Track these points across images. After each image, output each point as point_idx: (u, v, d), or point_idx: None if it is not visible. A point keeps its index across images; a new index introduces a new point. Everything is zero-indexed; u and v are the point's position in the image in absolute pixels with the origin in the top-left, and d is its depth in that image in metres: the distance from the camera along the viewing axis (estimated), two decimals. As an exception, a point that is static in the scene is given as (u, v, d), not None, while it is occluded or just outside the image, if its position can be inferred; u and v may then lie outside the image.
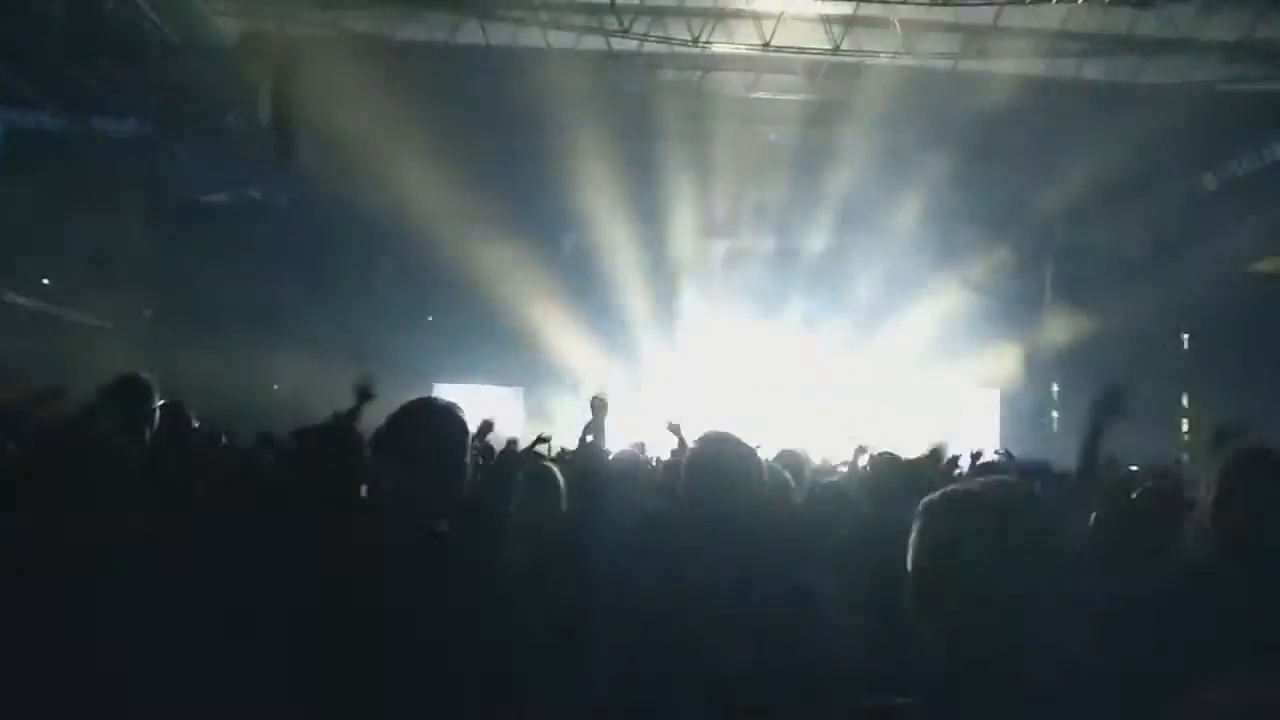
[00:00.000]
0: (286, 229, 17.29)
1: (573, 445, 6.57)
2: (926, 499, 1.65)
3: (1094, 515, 3.46)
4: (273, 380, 16.21)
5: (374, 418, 3.25)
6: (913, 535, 1.62)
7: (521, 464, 5.73)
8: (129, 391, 3.68)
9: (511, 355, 17.49)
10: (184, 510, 3.12)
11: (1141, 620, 2.57)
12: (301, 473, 3.06)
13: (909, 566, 1.62)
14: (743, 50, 14.91)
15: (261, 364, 15.78)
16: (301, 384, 14.06)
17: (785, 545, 3.37)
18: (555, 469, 4.37)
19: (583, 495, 4.44)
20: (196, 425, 4.83)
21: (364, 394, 4.18)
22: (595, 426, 5.53)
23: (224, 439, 6.82)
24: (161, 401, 3.81)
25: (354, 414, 4.00)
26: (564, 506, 4.23)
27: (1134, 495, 3.92)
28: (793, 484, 4.39)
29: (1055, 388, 18.38)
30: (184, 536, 2.81)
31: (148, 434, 3.65)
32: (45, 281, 13.95)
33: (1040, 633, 1.51)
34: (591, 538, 3.98)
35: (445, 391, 15.35)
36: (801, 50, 14.76)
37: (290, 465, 3.55)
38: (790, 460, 5.26)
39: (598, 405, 5.57)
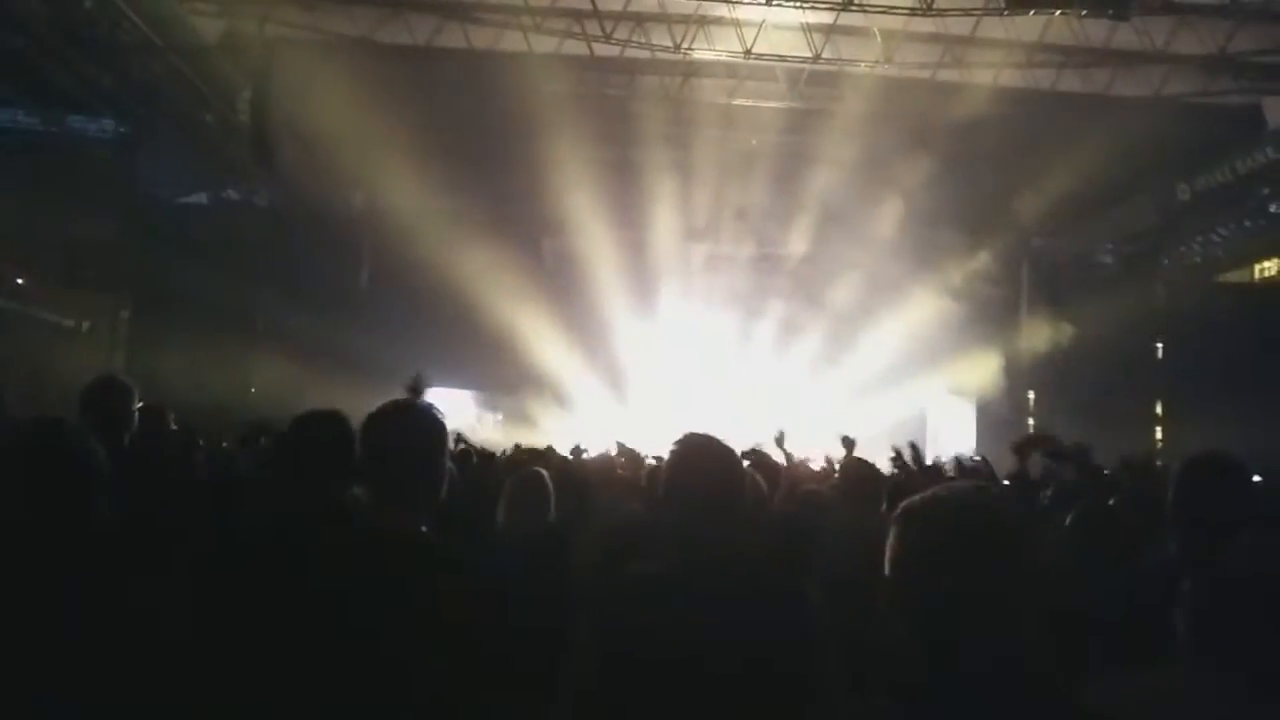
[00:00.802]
0: (264, 231, 17.19)
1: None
2: (906, 502, 1.67)
3: (1070, 517, 3.50)
4: (249, 382, 16.09)
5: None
6: (891, 538, 1.65)
7: (509, 468, 5.71)
8: (109, 393, 3.66)
9: (490, 359, 17.45)
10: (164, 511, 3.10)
11: (1114, 621, 2.62)
12: (281, 473, 3.03)
13: (886, 569, 1.64)
14: (724, 57, 14.99)
15: (238, 366, 15.68)
16: (278, 386, 13.98)
17: (766, 548, 3.40)
18: (545, 474, 4.35)
19: (570, 501, 4.44)
20: (174, 428, 4.82)
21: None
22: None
23: (200, 441, 6.76)
24: (140, 404, 3.79)
25: None
26: (552, 512, 4.22)
27: (1111, 501, 3.96)
28: (766, 489, 4.42)
29: (1031, 395, 18.50)
30: (165, 538, 2.80)
31: (127, 437, 3.64)
32: (20, 281, 13.78)
33: (1016, 633, 1.54)
34: (578, 543, 3.98)
35: (425, 395, 15.29)
36: (782, 58, 14.85)
37: (271, 465, 3.53)
38: (765, 465, 5.30)
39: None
